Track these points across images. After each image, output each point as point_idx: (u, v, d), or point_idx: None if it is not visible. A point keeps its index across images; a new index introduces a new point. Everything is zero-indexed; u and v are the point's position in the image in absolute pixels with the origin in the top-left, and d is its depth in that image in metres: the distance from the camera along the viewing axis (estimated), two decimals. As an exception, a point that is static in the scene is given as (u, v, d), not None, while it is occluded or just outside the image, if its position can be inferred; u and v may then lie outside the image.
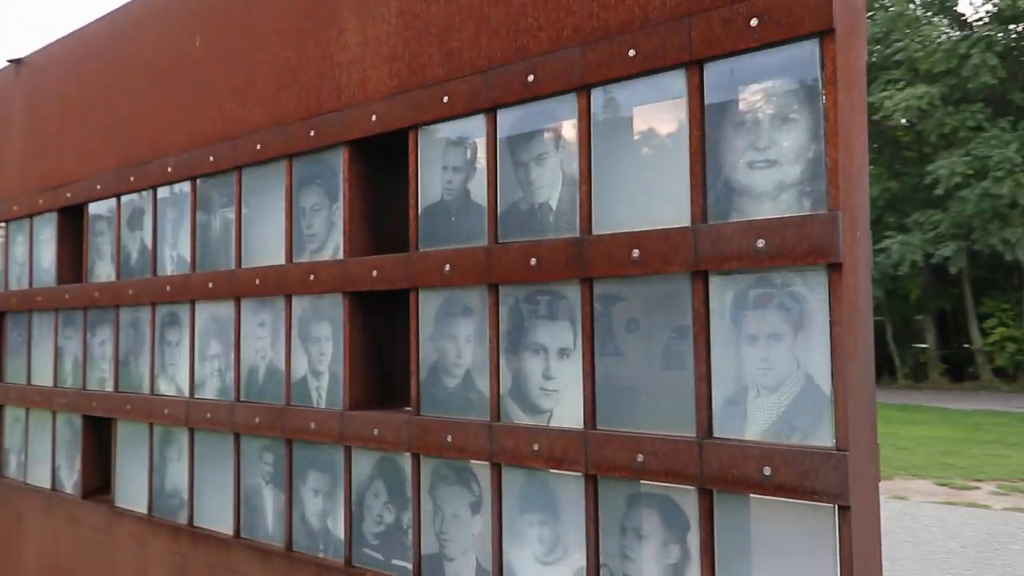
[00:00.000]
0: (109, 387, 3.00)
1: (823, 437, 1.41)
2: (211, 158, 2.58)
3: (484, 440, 1.84)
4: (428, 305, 2.00)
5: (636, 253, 1.61)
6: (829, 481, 1.37)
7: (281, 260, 2.36)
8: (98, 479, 3.14)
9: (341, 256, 2.19)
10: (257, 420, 2.37)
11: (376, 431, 2.07)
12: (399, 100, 2.05)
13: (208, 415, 2.53)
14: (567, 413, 1.73)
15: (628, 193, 1.67)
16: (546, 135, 1.80)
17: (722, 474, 1.49)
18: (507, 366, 1.84)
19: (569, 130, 1.75)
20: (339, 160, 2.22)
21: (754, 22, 1.48)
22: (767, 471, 1.43)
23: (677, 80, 1.60)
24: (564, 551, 1.74)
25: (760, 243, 1.45)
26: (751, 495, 1.47)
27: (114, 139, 3.02)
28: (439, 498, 1.97)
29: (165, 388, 2.76)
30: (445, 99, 1.95)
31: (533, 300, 1.80)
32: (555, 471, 1.74)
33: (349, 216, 2.18)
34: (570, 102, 1.75)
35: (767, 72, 1.49)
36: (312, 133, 2.26)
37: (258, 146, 2.42)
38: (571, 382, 1.73)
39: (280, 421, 2.30)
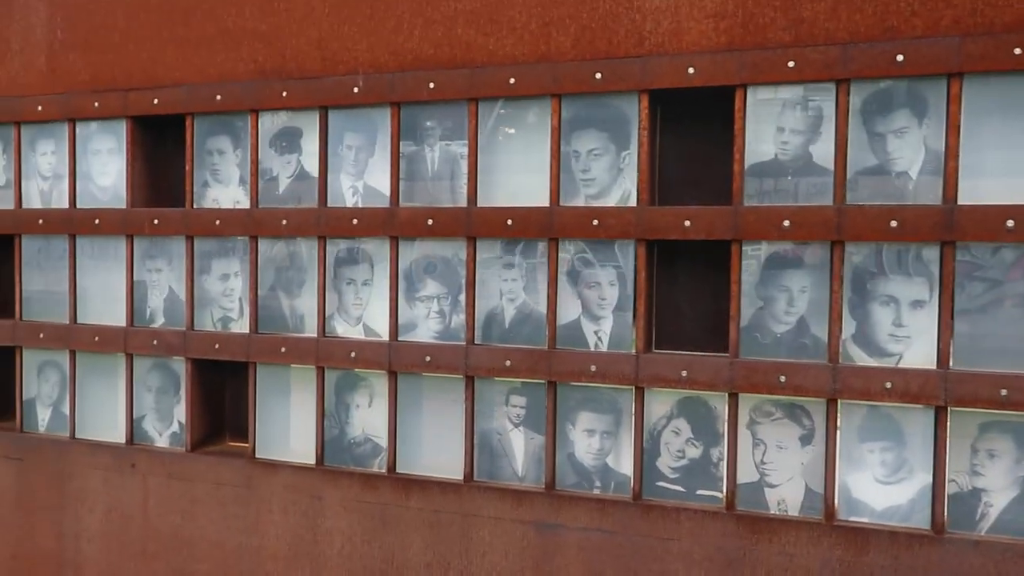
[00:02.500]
0: (238, 328, 2.67)
1: None
2: (431, 84, 2.40)
3: (826, 379, 2.07)
4: (744, 257, 2.15)
5: (1011, 223, 1.93)
6: None
7: (530, 201, 2.32)
8: (206, 429, 2.79)
9: (632, 203, 2.23)
10: (508, 363, 2.33)
11: (685, 373, 2.18)
12: (728, 57, 2.13)
13: (427, 358, 2.42)
14: (918, 356, 2.02)
15: (995, 171, 1.97)
16: (909, 111, 2.02)
17: (1086, 403, 1.89)
18: (851, 315, 2.07)
19: (936, 109, 2.00)
20: (631, 106, 2.23)
21: None
22: None
23: (1059, 81, 1.91)
24: (909, 472, 2.05)
25: None
26: (1107, 419, 1.90)
27: (241, 39, 2.62)
28: (760, 432, 2.16)
29: (344, 330, 2.55)
30: (791, 64, 2.08)
31: (884, 256, 2.04)
32: (905, 404, 2.03)
33: (646, 165, 2.22)
34: (940, 85, 1.99)
35: None
36: (598, 76, 2.24)
37: (512, 80, 2.32)
38: (924, 329, 2.02)
39: (546, 364, 2.30)
